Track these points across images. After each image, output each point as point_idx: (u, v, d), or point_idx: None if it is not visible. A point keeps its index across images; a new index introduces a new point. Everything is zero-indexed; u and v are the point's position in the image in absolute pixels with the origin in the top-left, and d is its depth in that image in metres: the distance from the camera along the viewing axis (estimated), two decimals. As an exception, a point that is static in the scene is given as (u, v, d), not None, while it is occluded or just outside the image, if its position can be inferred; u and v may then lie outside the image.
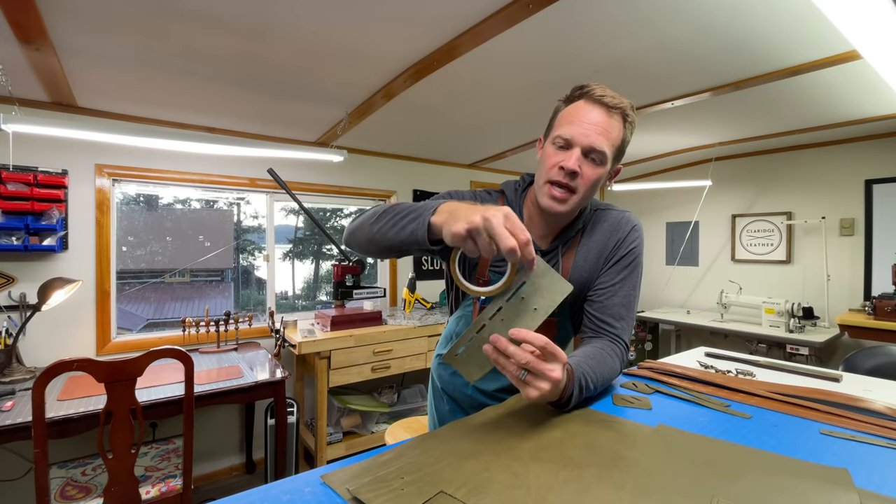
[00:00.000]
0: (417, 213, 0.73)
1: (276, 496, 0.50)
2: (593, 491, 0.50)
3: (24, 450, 2.03)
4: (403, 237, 0.75)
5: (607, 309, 0.89)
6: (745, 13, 1.45)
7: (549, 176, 0.85)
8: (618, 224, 0.94)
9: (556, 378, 0.64)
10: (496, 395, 0.98)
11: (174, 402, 1.78)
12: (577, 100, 0.86)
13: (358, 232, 0.85)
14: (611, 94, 0.84)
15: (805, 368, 1.12)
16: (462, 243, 0.64)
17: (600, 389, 0.81)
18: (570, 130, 0.83)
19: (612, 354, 0.86)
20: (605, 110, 0.83)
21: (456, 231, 0.63)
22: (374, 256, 0.91)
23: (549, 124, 0.91)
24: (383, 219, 0.79)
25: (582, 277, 0.93)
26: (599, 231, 0.94)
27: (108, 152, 2.30)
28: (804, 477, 0.53)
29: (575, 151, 0.83)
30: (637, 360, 3.97)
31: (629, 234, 0.93)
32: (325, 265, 3.44)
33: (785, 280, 3.48)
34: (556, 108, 0.91)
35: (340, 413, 2.76)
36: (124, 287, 2.51)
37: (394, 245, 0.78)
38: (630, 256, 0.92)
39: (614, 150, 0.85)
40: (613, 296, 0.90)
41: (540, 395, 0.64)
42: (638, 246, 0.94)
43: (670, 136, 3.04)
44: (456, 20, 1.46)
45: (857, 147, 3.13)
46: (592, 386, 0.77)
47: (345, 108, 2.27)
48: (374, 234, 0.80)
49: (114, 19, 1.42)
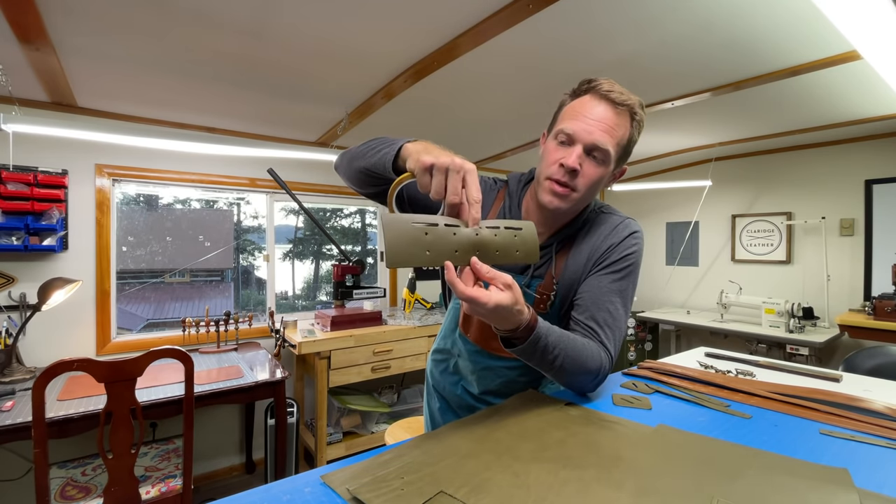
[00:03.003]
0: (396, 142, 0.74)
1: (276, 496, 0.50)
2: (593, 491, 0.50)
3: (24, 450, 2.03)
4: (374, 160, 0.76)
5: (592, 314, 0.83)
6: (745, 13, 1.45)
7: (549, 173, 0.82)
8: (615, 228, 0.89)
9: (511, 282, 0.64)
10: (482, 397, 0.98)
11: (174, 402, 1.77)
12: (584, 94, 0.82)
13: (350, 151, 0.87)
14: (619, 90, 0.80)
15: (805, 368, 1.12)
16: (421, 175, 0.65)
17: (566, 367, 0.75)
18: (572, 126, 0.79)
19: (592, 349, 0.79)
20: (611, 106, 0.79)
21: (423, 161, 0.64)
22: (351, 182, 0.89)
23: (554, 118, 0.88)
24: (371, 142, 0.81)
25: (571, 279, 0.88)
26: (595, 234, 0.89)
27: (108, 152, 2.30)
28: (804, 477, 0.53)
29: (576, 148, 0.79)
30: (637, 360, 3.97)
31: (625, 240, 0.87)
32: (325, 265, 3.44)
33: (785, 280, 3.48)
34: (562, 102, 0.87)
35: (340, 413, 2.76)
36: (124, 287, 2.51)
37: (364, 168, 0.80)
38: (623, 262, 0.86)
39: (619, 149, 0.81)
40: (599, 301, 0.83)
41: (496, 302, 0.62)
42: (634, 254, 0.87)
43: (670, 136, 3.04)
44: (456, 20, 1.46)
45: (857, 147, 3.13)
46: (553, 349, 0.72)
47: (345, 108, 2.27)
48: (355, 153, 0.83)
49: (114, 19, 1.42)
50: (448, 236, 0.63)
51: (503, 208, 0.94)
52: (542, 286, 0.89)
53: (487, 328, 0.90)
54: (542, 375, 0.95)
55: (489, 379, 0.95)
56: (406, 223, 0.61)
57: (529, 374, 0.93)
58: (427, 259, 0.62)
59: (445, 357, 1.04)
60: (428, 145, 0.70)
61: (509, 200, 0.94)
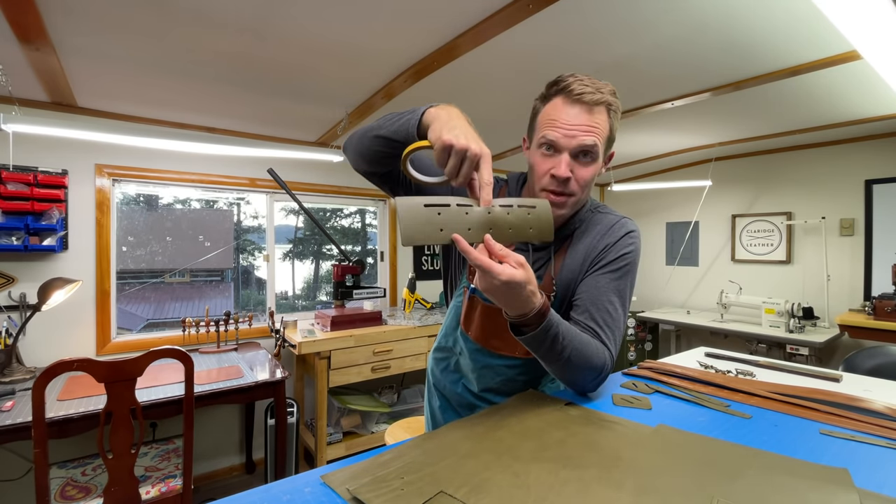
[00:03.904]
0: (417, 109, 0.74)
1: (276, 496, 0.50)
2: (593, 491, 0.50)
3: (24, 450, 2.03)
4: (396, 127, 0.76)
5: (591, 314, 0.82)
6: (745, 13, 1.45)
7: (543, 184, 0.83)
8: (611, 228, 0.89)
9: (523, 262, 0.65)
10: (482, 395, 0.98)
11: (174, 402, 1.78)
12: (554, 97, 0.81)
13: (362, 127, 0.86)
14: (590, 88, 0.79)
15: (805, 368, 1.12)
16: (439, 152, 0.66)
17: (573, 360, 0.74)
18: (553, 134, 0.79)
19: (597, 346, 0.78)
20: (585, 108, 0.79)
21: (444, 140, 0.65)
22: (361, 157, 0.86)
23: (531, 125, 0.87)
24: (387, 115, 0.80)
25: (568, 279, 0.88)
26: (592, 233, 0.89)
27: (108, 152, 2.30)
28: (804, 477, 0.53)
29: (563, 157, 0.79)
30: (637, 360, 3.97)
31: (622, 239, 0.87)
32: (325, 265, 3.44)
33: (785, 280, 3.48)
34: (535, 109, 0.86)
35: (340, 413, 2.76)
36: (124, 287, 2.51)
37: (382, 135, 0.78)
38: (621, 262, 0.86)
39: (604, 141, 0.81)
40: (598, 301, 0.83)
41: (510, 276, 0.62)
42: (631, 253, 0.87)
43: (670, 136, 3.04)
44: (456, 20, 1.46)
45: (857, 147, 3.13)
46: (563, 338, 0.72)
47: (345, 108, 2.27)
48: (370, 126, 0.82)
49: (114, 19, 1.42)
50: (461, 215, 0.66)
51: None
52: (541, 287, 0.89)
53: (488, 326, 0.91)
54: (541, 375, 0.95)
55: (489, 377, 0.96)
56: (419, 203, 0.64)
57: (528, 372, 0.93)
58: (440, 237, 0.65)
59: (447, 355, 1.04)
60: (451, 114, 0.70)
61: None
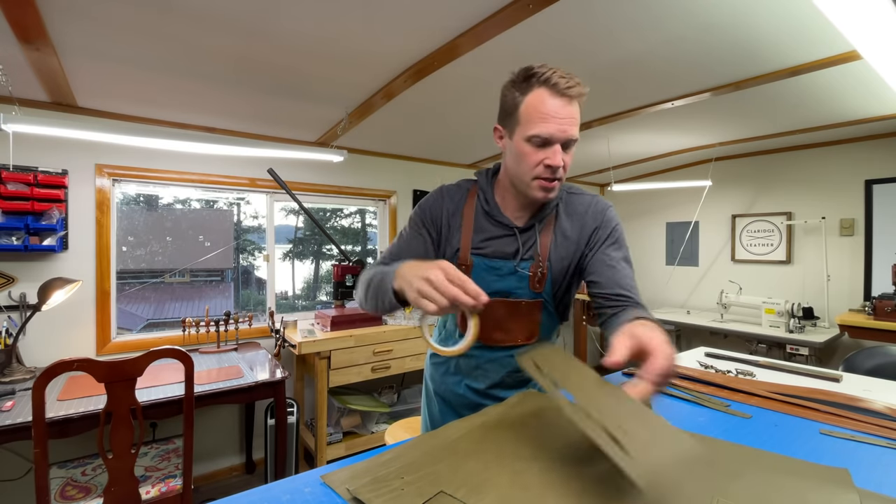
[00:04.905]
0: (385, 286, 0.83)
1: (276, 496, 0.50)
2: (593, 490, 0.50)
3: (24, 450, 2.03)
4: (388, 308, 0.89)
5: (617, 282, 0.89)
6: (744, 13, 1.45)
7: (536, 173, 0.87)
8: (592, 208, 0.98)
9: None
10: (488, 392, 0.99)
11: (174, 402, 1.77)
12: (536, 88, 0.84)
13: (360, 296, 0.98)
14: (570, 82, 0.83)
15: (805, 368, 1.12)
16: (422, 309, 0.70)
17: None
18: (546, 129, 0.83)
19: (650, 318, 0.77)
20: (568, 101, 0.83)
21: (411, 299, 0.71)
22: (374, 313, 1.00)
23: (510, 115, 0.88)
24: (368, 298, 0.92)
25: (561, 258, 0.95)
26: (575, 215, 0.97)
27: (108, 152, 2.29)
28: (804, 477, 0.53)
29: (556, 148, 0.84)
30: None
31: (607, 215, 0.97)
32: (325, 265, 3.44)
33: (785, 280, 3.48)
34: (513, 99, 0.87)
35: (340, 413, 2.76)
36: (124, 287, 2.51)
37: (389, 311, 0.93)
38: (616, 233, 0.96)
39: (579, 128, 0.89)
40: (617, 270, 0.91)
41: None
42: (619, 223, 0.98)
43: (670, 136, 3.04)
44: (456, 20, 1.46)
45: (857, 147, 3.13)
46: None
47: (345, 109, 2.27)
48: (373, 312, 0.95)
49: (114, 19, 1.42)
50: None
51: (478, 202, 1.00)
52: (533, 265, 0.95)
53: (488, 322, 0.93)
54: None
55: (495, 371, 0.98)
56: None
57: None
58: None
59: (445, 359, 1.05)
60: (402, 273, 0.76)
61: (483, 194, 1.00)
